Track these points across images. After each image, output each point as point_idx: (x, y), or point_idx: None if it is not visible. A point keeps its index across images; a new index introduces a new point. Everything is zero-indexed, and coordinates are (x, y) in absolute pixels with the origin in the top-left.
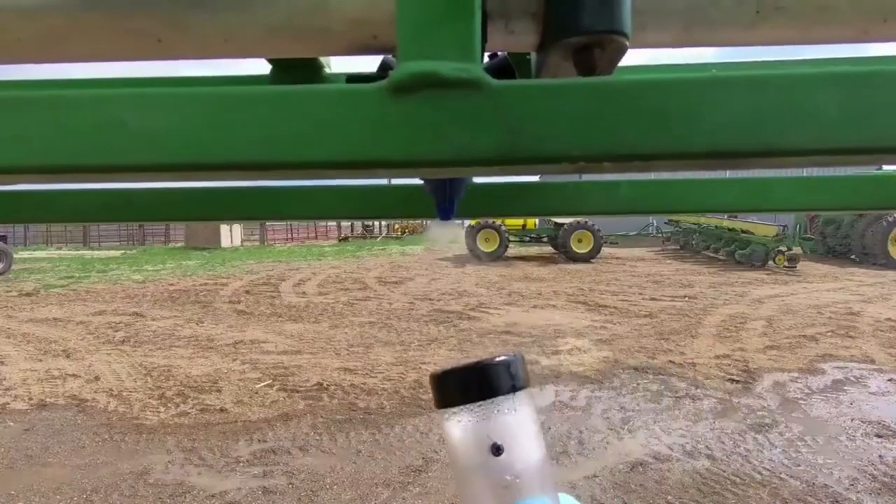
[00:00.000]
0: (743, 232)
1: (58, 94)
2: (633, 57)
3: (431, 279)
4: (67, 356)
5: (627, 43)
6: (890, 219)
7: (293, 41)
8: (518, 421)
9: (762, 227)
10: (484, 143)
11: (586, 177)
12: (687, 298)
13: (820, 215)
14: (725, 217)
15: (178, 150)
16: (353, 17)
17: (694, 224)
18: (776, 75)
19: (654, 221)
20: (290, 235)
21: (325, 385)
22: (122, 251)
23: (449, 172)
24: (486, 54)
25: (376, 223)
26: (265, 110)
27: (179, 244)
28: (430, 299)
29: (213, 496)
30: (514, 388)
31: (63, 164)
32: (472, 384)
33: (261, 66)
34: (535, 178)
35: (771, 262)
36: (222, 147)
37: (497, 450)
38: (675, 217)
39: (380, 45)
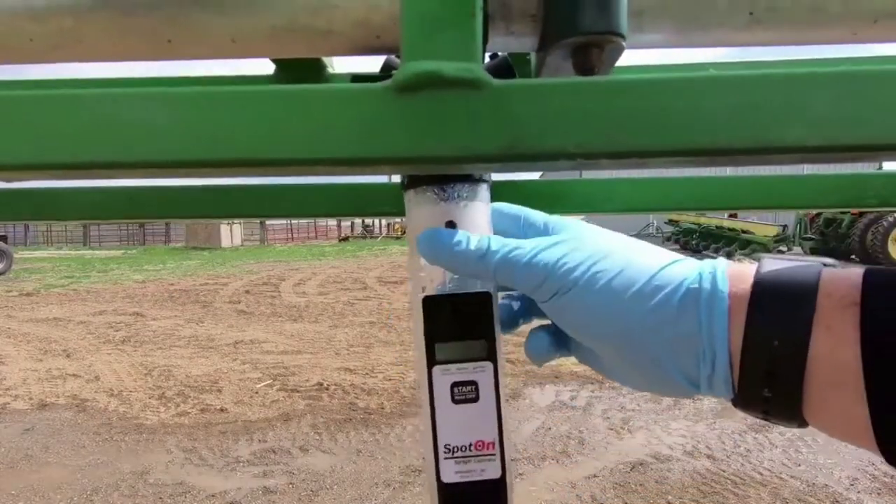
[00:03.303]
0: (743, 232)
1: (61, 92)
2: (631, 58)
3: None
4: (68, 356)
5: (624, 43)
6: (890, 219)
7: (297, 42)
8: (474, 208)
9: (762, 226)
10: (485, 140)
11: (586, 175)
12: None
13: (821, 214)
14: (725, 216)
15: (182, 148)
16: (356, 19)
17: (694, 224)
18: (772, 74)
19: (654, 221)
20: (290, 235)
21: (325, 385)
22: (123, 251)
23: (452, 168)
24: (487, 55)
25: (376, 223)
26: (270, 108)
27: (180, 244)
28: None
29: (213, 496)
30: (476, 180)
31: (66, 162)
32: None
33: (265, 67)
34: (534, 177)
35: None
36: (226, 145)
37: (451, 226)
38: (674, 217)
39: (382, 46)
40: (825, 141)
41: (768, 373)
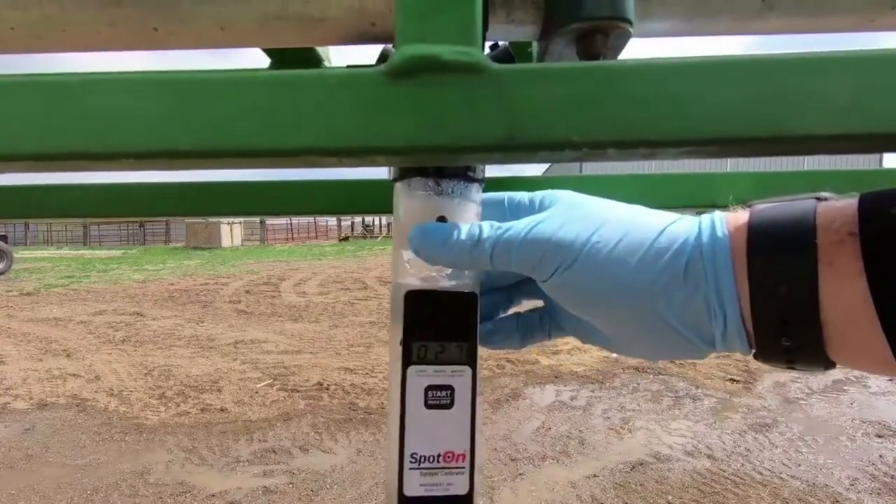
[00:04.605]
0: None
1: (45, 78)
2: (637, 50)
3: None
4: (68, 356)
5: (631, 29)
6: None
7: (289, 29)
8: (466, 205)
9: None
10: (485, 128)
11: (588, 171)
12: None
13: None
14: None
15: (172, 137)
16: (350, 5)
17: None
18: (785, 58)
19: None
20: (290, 235)
21: (325, 385)
22: (123, 251)
23: (449, 160)
24: (488, 44)
25: (377, 223)
26: (259, 95)
27: (180, 244)
28: None
29: (213, 496)
30: (470, 179)
31: (53, 152)
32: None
33: (259, 62)
34: (537, 173)
35: None
36: (216, 133)
37: (442, 221)
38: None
39: (378, 33)
40: (843, 129)
41: (782, 322)
